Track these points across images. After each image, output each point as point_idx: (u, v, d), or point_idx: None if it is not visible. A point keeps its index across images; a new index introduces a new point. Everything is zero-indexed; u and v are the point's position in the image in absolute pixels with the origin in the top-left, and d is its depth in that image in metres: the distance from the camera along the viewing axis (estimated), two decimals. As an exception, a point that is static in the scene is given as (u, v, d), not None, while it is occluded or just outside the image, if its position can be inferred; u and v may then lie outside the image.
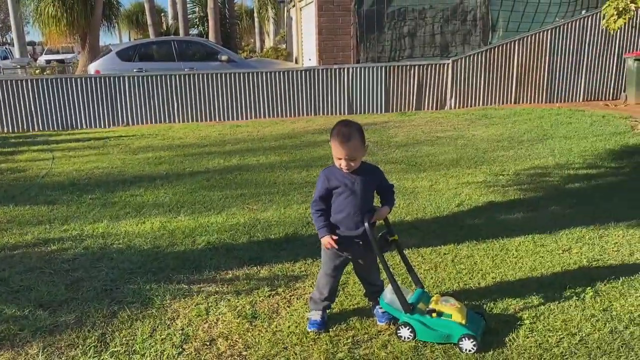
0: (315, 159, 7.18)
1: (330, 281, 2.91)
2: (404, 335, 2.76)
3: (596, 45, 11.69)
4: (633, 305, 3.06)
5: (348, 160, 2.71)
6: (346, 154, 2.69)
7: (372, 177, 2.86)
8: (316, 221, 2.81)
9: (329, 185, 2.77)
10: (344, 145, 2.68)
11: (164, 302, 3.28)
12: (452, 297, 2.85)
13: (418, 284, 3.00)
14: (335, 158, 2.76)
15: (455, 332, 2.67)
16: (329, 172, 2.81)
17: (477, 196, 5.24)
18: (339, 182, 2.77)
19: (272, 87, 10.96)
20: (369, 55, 13.30)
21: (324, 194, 2.79)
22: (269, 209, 5.07)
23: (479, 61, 11.42)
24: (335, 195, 2.79)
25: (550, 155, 6.83)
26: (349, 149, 2.69)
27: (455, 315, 2.71)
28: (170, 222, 4.75)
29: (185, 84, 10.71)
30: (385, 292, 2.93)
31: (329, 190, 2.78)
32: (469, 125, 9.31)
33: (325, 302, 2.95)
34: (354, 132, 2.71)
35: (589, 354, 2.62)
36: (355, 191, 2.77)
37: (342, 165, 2.73)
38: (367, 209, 2.80)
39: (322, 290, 2.93)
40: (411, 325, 2.74)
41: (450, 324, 2.70)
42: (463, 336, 2.65)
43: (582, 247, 3.95)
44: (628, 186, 5.44)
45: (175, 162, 7.24)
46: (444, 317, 2.73)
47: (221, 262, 3.87)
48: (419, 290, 2.94)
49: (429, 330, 2.72)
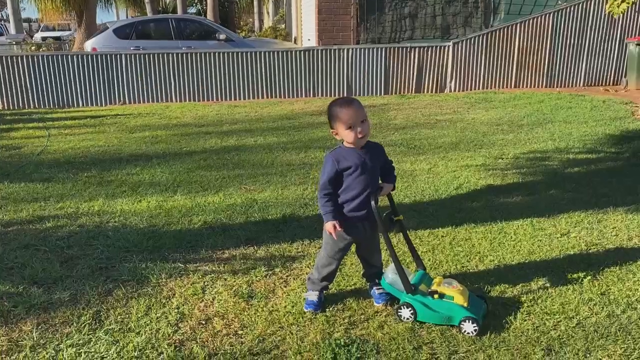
0: (313, 140, 7.13)
1: (332, 263, 2.88)
2: (404, 315, 2.74)
3: (598, 30, 11.57)
4: (631, 289, 3.05)
5: (360, 125, 2.63)
6: (356, 117, 2.62)
7: (378, 153, 2.82)
8: (323, 206, 2.73)
9: (339, 167, 2.69)
10: (350, 108, 2.63)
11: (159, 280, 3.26)
12: (454, 280, 2.83)
13: (420, 265, 2.98)
14: (343, 131, 2.66)
15: (456, 314, 2.66)
16: (337, 154, 2.73)
17: (476, 179, 5.21)
18: (350, 162, 2.69)
19: (271, 67, 10.85)
20: (369, 36, 13.16)
21: (333, 177, 2.70)
22: (266, 190, 5.03)
23: (479, 44, 11.31)
24: (345, 176, 2.72)
25: (549, 140, 6.79)
26: (357, 111, 2.63)
27: (457, 298, 2.69)
28: (167, 201, 4.72)
29: (182, 62, 10.59)
30: (387, 272, 2.91)
31: (338, 173, 2.70)
32: (469, 109, 9.25)
33: (324, 283, 2.92)
34: (353, 98, 2.69)
35: (586, 338, 2.61)
36: (367, 169, 2.72)
37: (353, 135, 2.64)
38: (375, 187, 2.77)
39: (322, 271, 2.90)
40: (412, 305, 2.72)
41: (452, 306, 2.68)
42: (464, 318, 2.63)
43: (581, 231, 3.93)
44: (627, 171, 5.41)
45: (172, 142, 7.18)
46: (445, 299, 2.71)
47: (218, 241, 3.84)
48: (420, 272, 2.92)
49: (430, 312, 2.70)
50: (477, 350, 2.53)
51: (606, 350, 2.51)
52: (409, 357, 2.49)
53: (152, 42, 12.47)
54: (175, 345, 2.62)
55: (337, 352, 2.51)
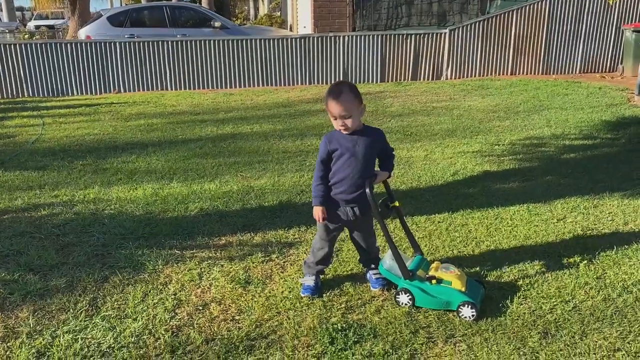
0: (309, 127, 7.10)
1: (325, 245, 2.89)
2: (402, 301, 2.75)
3: (595, 16, 11.54)
4: (626, 273, 3.07)
5: (342, 119, 2.66)
6: (339, 112, 2.64)
7: (375, 139, 2.80)
8: (314, 188, 2.79)
9: (330, 148, 2.74)
10: (336, 102, 2.64)
11: (156, 267, 3.25)
12: (452, 265, 2.83)
13: (417, 251, 2.97)
14: (332, 119, 2.72)
15: (454, 299, 2.66)
16: (331, 135, 2.78)
17: (472, 166, 5.21)
18: (339, 144, 2.72)
19: (267, 55, 10.78)
20: (365, 23, 13.08)
21: (325, 158, 2.76)
22: (262, 177, 5.02)
23: (476, 31, 11.26)
24: (335, 159, 2.75)
25: (546, 126, 6.79)
26: (340, 106, 2.64)
27: (455, 283, 2.69)
28: (163, 189, 4.70)
29: (177, 50, 10.51)
30: (384, 258, 2.91)
31: (329, 154, 2.75)
32: (465, 96, 9.22)
33: (319, 267, 2.93)
34: (345, 90, 2.66)
35: (582, 321, 2.62)
36: (356, 153, 2.72)
37: (337, 125, 2.69)
38: (369, 173, 2.76)
39: (317, 254, 2.91)
40: (410, 291, 2.72)
41: (450, 291, 2.68)
42: (462, 303, 2.63)
43: (577, 216, 3.94)
44: (623, 157, 5.42)
45: (167, 130, 7.14)
46: (443, 284, 2.71)
47: (214, 228, 3.83)
48: (418, 257, 2.92)
49: (428, 297, 2.70)
50: (473, 334, 2.54)
51: (602, 333, 2.52)
52: (405, 341, 2.50)
53: (147, 30, 12.35)
54: (172, 331, 2.62)
55: (334, 337, 2.51)
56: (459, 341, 2.50)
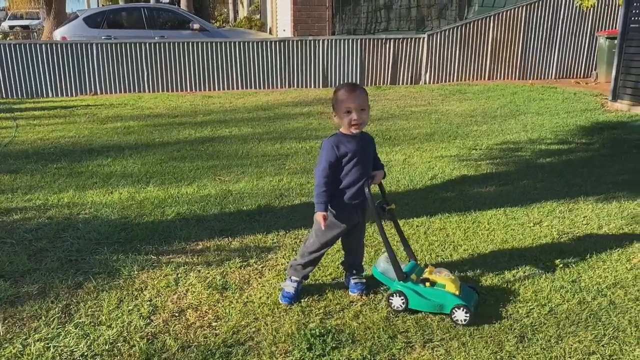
0: (289, 131, 7.08)
1: (321, 250, 2.85)
2: (395, 304, 2.73)
3: (569, 23, 11.76)
4: (601, 277, 3.11)
5: (359, 112, 2.64)
6: (358, 104, 2.63)
7: (371, 144, 2.84)
8: (319, 194, 2.68)
9: (339, 153, 2.67)
10: (354, 94, 2.64)
11: (131, 273, 3.20)
12: (445, 269, 2.83)
13: (411, 256, 2.97)
14: (344, 113, 2.65)
15: (448, 302, 2.65)
16: (336, 140, 2.70)
17: (450, 170, 5.25)
18: (347, 149, 2.68)
19: (246, 57, 10.74)
20: (344, 27, 13.13)
21: (333, 163, 2.67)
22: (241, 181, 4.98)
23: (454, 36, 11.38)
24: (345, 163, 2.70)
25: (522, 131, 6.88)
26: (359, 99, 2.64)
27: (449, 286, 2.69)
28: (139, 193, 4.63)
29: (155, 52, 10.41)
30: (379, 261, 2.91)
31: (338, 159, 2.68)
32: (443, 100, 9.30)
33: (308, 269, 2.89)
34: (358, 85, 2.70)
35: (558, 324, 2.65)
36: (363, 157, 2.73)
37: (352, 118, 2.64)
38: (369, 175, 2.77)
39: (309, 257, 2.86)
40: (404, 293, 2.71)
41: (444, 294, 2.68)
42: (456, 306, 2.63)
43: (553, 220, 3.99)
44: (597, 162, 5.51)
45: (144, 132, 7.05)
46: (437, 287, 2.71)
47: (191, 233, 3.79)
48: (412, 262, 2.92)
49: (421, 300, 2.69)
50: (451, 338, 2.54)
51: (577, 337, 2.55)
52: (384, 346, 2.49)
53: (124, 31, 12.21)
54: (147, 338, 2.57)
55: (312, 343, 2.49)
56: (437, 346, 2.50)
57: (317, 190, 2.70)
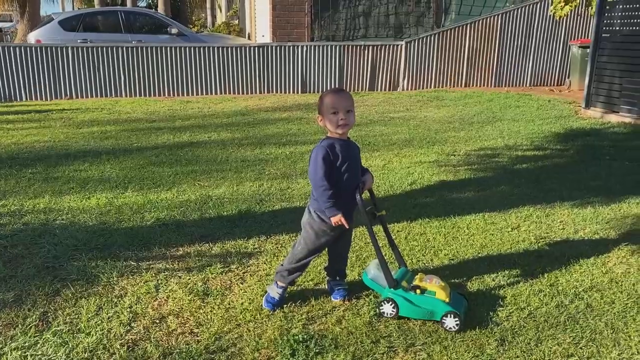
0: (268, 136, 7.07)
1: (311, 257, 2.84)
2: (386, 311, 2.73)
3: (543, 32, 12.01)
4: (577, 280, 3.17)
5: (345, 112, 2.64)
6: (345, 105, 2.64)
7: (357, 149, 2.84)
8: (326, 200, 2.63)
9: (333, 156, 2.66)
10: (340, 95, 2.66)
11: (110, 279, 3.15)
12: (435, 276, 2.85)
13: (401, 263, 2.98)
14: (330, 115, 2.64)
15: (438, 309, 2.66)
16: (329, 145, 2.67)
17: (430, 175, 5.30)
18: (340, 153, 2.67)
19: (225, 63, 10.70)
20: (323, 33, 13.18)
21: (329, 167, 2.65)
22: (221, 186, 4.95)
23: (431, 43, 11.52)
24: (338, 168, 2.68)
25: (499, 137, 6.98)
26: (346, 100, 2.65)
27: (439, 293, 2.70)
28: (117, 198, 4.57)
29: (133, 56, 10.30)
30: (369, 268, 2.91)
31: (332, 162, 2.66)
32: (421, 107, 9.40)
33: (295, 275, 2.87)
34: (345, 90, 2.76)
35: (537, 328, 2.69)
36: (353, 162, 2.74)
37: (340, 118, 2.64)
38: (359, 180, 2.78)
39: (297, 264, 2.84)
40: (394, 301, 2.71)
41: (434, 301, 2.68)
42: (446, 313, 2.64)
43: (530, 225, 4.06)
44: (572, 168, 5.63)
45: (122, 137, 6.97)
46: (427, 294, 2.72)
47: (171, 238, 3.75)
48: (402, 269, 2.93)
49: (412, 307, 2.70)
50: (433, 343, 2.56)
51: (556, 340, 2.59)
52: (367, 351, 2.50)
53: (101, 35, 12.08)
54: (128, 345, 2.53)
55: (295, 348, 2.49)
56: (419, 350, 2.52)
57: (323, 196, 2.64)
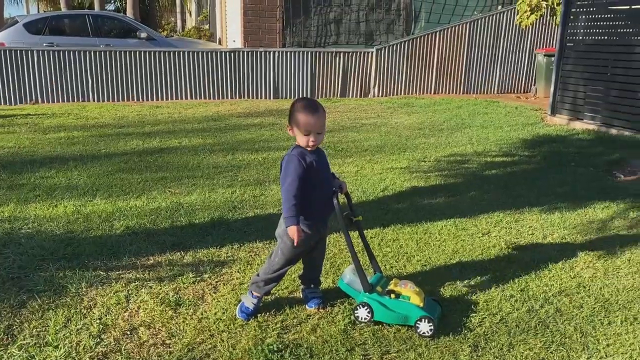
0: (240, 142, 7.03)
1: (287, 267, 2.82)
2: (361, 315, 2.73)
3: (510, 40, 12.28)
4: (547, 285, 3.23)
5: (316, 135, 2.63)
6: (318, 127, 2.63)
7: (325, 156, 2.84)
8: (289, 209, 2.60)
9: (306, 165, 2.64)
10: (315, 117, 2.61)
11: (79, 290, 3.07)
12: (410, 281, 2.86)
13: (377, 268, 2.99)
14: (302, 134, 2.62)
15: (413, 314, 2.68)
16: (300, 152, 2.66)
17: (401, 181, 5.34)
18: (312, 161, 2.66)
19: (195, 67, 10.61)
20: (295, 39, 13.20)
21: (302, 175, 2.62)
22: (192, 193, 4.89)
23: (401, 51, 11.66)
24: (310, 176, 2.66)
25: (468, 143, 7.10)
26: (320, 122, 2.63)
27: (414, 298, 2.72)
28: (86, 206, 4.47)
29: (101, 61, 10.12)
30: (345, 273, 2.91)
31: (305, 171, 2.63)
32: (392, 113, 9.49)
33: (271, 285, 2.85)
34: (320, 105, 2.67)
35: (509, 333, 2.73)
36: (324, 170, 2.73)
37: (310, 140, 2.63)
38: (330, 188, 2.78)
39: (273, 275, 2.81)
40: (369, 305, 2.72)
41: (409, 306, 2.70)
42: (420, 318, 2.65)
43: (500, 230, 4.12)
44: (539, 174, 5.75)
45: (90, 143, 6.82)
46: (402, 299, 2.74)
47: (142, 247, 3.68)
48: (377, 275, 2.94)
49: (387, 311, 2.71)
50: (408, 350, 2.57)
51: (527, 344, 2.64)
52: (342, 359, 2.50)
53: (68, 38, 11.82)
54: (98, 358, 2.47)
55: (270, 358, 2.46)
56: (394, 357, 2.52)
57: (288, 204, 2.62)
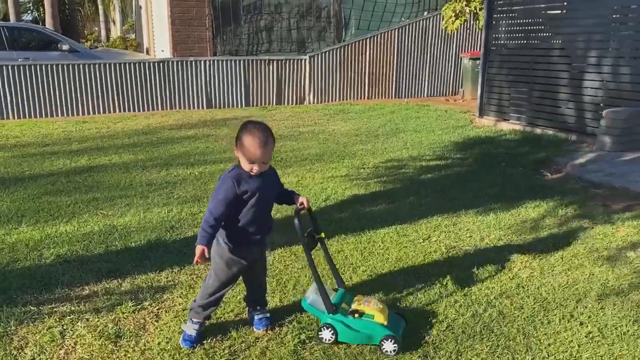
0: (175, 156, 6.83)
1: (224, 289, 2.74)
2: (325, 337, 2.69)
3: (437, 45, 12.68)
4: (488, 288, 3.32)
5: (261, 164, 2.56)
6: (264, 159, 2.55)
7: (273, 176, 2.77)
8: (206, 229, 2.51)
9: (239, 190, 2.56)
10: (264, 148, 2.52)
11: (7, 328, 2.85)
12: (373, 298, 2.84)
13: (340, 284, 2.95)
14: (247, 161, 2.54)
15: (377, 333, 2.65)
16: (237, 175, 2.58)
17: (342, 190, 5.36)
18: (249, 186, 2.58)
19: (123, 79, 10.24)
20: (226, 48, 13.03)
21: (232, 200, 2.54)
22: (126, 214, 4.69)
23: (334, 57, 11.76)
24: (246, 200, 2.59)
25: (404, 148, 7.23)
26: (267, 154, 2.55)
27: (378, 316, 2.69)
28: (10, 234, 4.18)
29: (20, 76, 9.57)
30: (307, 293, 2.86)
31: (237, 196, 2.56)
32: (329, 120, 9.54)
33: (210, 310, 2.76)
34: (270, 135, 2.57)
35: (456, 339, 2.78)
36: (265, 194, 2.65)
37: (254, 168, 2.56)
38: (269, 210, 2.72)
39: (209, 299, 2.72)
40: (333, 327, 2.68)
41: (373, 325, 2.67)
42: (385, 337, 2.63)
43: (440, 235, 4.21)
44: (472, 176, 5.93)
45: (11, 165, 6.41)
46: (365, 318, 2.70)
47: (75, 277, 3.47)
48: (341, 291, 2.90)
49: (351, 332, 2.67)
50: (359, 365, 2.56)
51: (474, 350, 2.69)
52: (294, 381, 2.45)
53: (-19, 52, 11.10)
54: (31, 404, 2.30)
55: (219, 387, 2.38)
56: (346, 374, 2.50)
57: (206, 223, 2.53)
